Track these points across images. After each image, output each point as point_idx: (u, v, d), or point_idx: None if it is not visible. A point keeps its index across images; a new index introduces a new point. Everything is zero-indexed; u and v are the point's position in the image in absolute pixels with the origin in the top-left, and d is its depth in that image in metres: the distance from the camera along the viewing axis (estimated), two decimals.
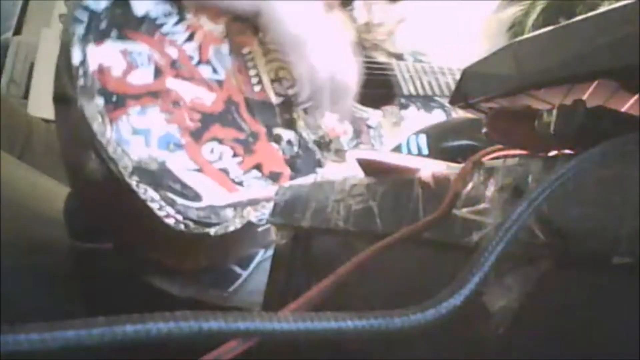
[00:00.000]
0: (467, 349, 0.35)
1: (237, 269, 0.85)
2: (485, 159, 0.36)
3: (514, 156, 0.35)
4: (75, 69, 0.75)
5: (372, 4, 0.99)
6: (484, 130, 0.36)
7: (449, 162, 0.43)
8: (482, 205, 0.34)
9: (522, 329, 0.31)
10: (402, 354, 0.38)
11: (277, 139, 0.82)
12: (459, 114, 0.95)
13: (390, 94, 0.95)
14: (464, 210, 0.35)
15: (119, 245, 0.85)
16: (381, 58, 0.98)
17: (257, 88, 0.84)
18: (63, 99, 0.78)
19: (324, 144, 0.84)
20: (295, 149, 0.82)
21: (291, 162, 0.81)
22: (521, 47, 0.35)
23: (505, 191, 0.33)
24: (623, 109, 0.33)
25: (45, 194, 1.04)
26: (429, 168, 0.40)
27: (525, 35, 0.36)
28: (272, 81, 0.85)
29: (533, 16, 1.07)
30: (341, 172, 0.81)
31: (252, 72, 0.85)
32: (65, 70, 0.78)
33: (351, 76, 0.86)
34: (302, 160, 0.81)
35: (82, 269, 0.89)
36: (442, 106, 0.97)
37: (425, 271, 0.41)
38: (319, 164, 0.82)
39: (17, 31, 2.01)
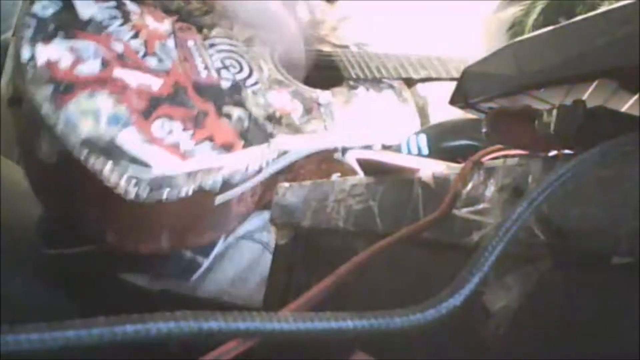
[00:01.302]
0: (467, 349, 0.35)
1: (198, 258, 0.86)
2: (485, 159, 0.36)
3: (514, 156, 0.35)
4: (24, 65, 0.77)
5: (313, 4, 1.04)
6: (484, 130, 0.36)
7: (449, 162, 0.43)
8: (482, 205, 0.34)
9: (522, 329, 0.31)
10: (402, 354, 0.38)
11: (228, 115, 0.83)
12: (407, 92, 0.99)
13: (338, 76, 0.98)
14: (464, 210, 0.35)
15: (82, 238, 0.86)
16: (327, 49, 1.01)
17: (204, 73, 0.86)
18: (16, 99, 0.80)
19: (274, 119, 0.85)
20: (246, 123, 0.83)
21: (243, 135, 0.82)
22: (521, 47, 0.35)
23: (505, 191, 0.33)
24: (623, 109, 0.33)
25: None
26: (429, 168, 0.40)
27: (525, 35, 0.36)
28: (219, 69, 0.88)
29: (533, 16, 1.07)
30: (296, 143, 0.83)
31: (198, 60, 0.87)
32: (17, 73, 0.80)
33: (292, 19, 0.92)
34: (253, 134, 0.82)
35: (60, 272, 0.90)
36: (391, 87, 1.00)
37: (425, 271, 0.41)
38: (271, 136, 0.83)
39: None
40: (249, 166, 0.79)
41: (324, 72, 0.98)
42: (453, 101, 0.40)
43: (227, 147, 0.80)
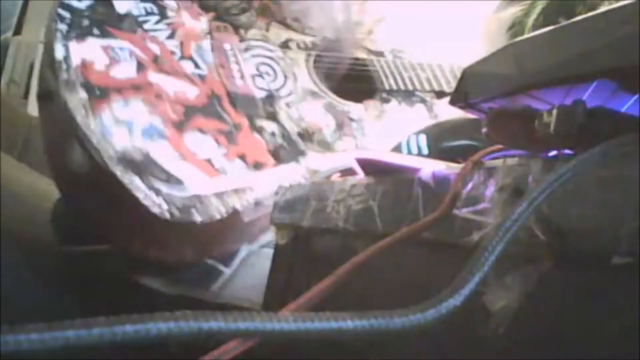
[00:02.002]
0: (467, 349, 0.35)
1: (220, 266, 0.86)
2: (485, 159, 0.36)
3: (514, 156, 0.35)
4: (58, 63, 0.76)
5: (350, 4, 1.02)
6: (484, 130, 0.36)
7: (449, 162, 0.43)
8: (482, 205, 0.34)
9: (522, 329, 0.31)
10: (402, 354, 0.38)
11: (260, 130, 0.83)
12: (440, 108, 0.98)
13: (372, 88, 0.98)
14: (464, 210, 0.35)
15: (105, 241, 0.85)
16: (361, 55, 1.00)
17: (239, 82, 0.86)
18: (46, 95, 0.79)
19: (307, 136, 0.85)
20: (279, 140, 0.83)
21: (274, 153, 0.82)
22: (521, 47, 0.35)
23: (505, 191, 0.33)
24: (623, 109, 0.33)
25: (43, 195, 1.04)
26: (429, 168, 0.40)
27: (525, 35, 0.36)
28: (254, 76, 0.87)
29: (533, 16, 1.07)
30: (325, 162, 0.82)
31: (234, 67, 0.87)
32: (48, 66, 0.79)
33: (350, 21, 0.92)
34: (285, 151, 0.82)
35: (74, 270, 0.89)
36: (423, 100, 1.00)
37: (425, 271, 0.40)
38: (302, 155, 0.83)
39: (17, 31, 2.00)
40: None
41: (359, 82, 0.97)
42: (453, 101, 0.40)
43: (259, 166, 0.79)
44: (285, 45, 0.92)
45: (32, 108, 1.86)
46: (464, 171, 0.36)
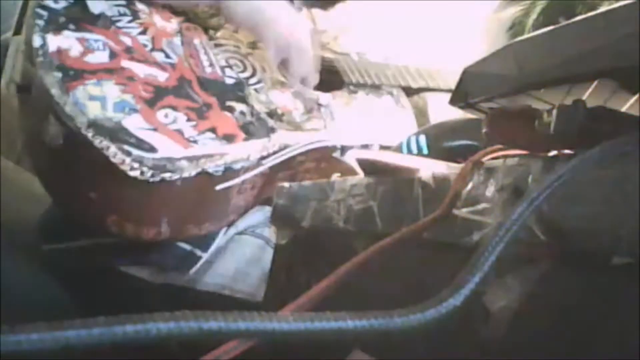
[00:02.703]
0: (467, 349, 0.35)
1: (197, 251, 0.87)
2: (485, 159, 0.36)
3: (514, 156, 0.35)
4: (35, 50, 0.79)
5: (314, 13, 1.08)
6: (484, 130, 0.36)
7: (449, 162, 0.43)
8: (482, 205, 0.34)
9: (522, 329, 0.31)
10: (402, 354, 0.38)
11: (230, 109, 0.85)
12: (405, 99, 1.02)
13: (339, 82, 1.02)
14: (464, 210, 0.35)
15: (81, 225, 0.87)
16: (328, 55, 1.05)
17: (209, 69, 0.89)
18: (24, 84, 0.83)
19: (276, 115, 0.88)
20: (248, 117, 0.85)
21: (244, 128, 0.84)
22: (521, 47, 0.35)
23: (505, 191, 0.33)
24: (623, 109, 0.33)
25: (43, 198, 1.04)
26: (429, 168, 0.40)
27: (525, 35, 0.36)
28: (223, 67, 0.90)
29: (533, 16, 1.07)
30: (297, 138, 0.85)
31: (203, 57, 0.90)
32: (27, 58, 0.83)
33: (305, 40, 0.96)
34: (254, 127, 0.85)
35: (62, 267, 0.91)
36: (389, 93, 1.04)
37: (425, 271, 0.41)
38: (273, 131, 0.85)
39: (17, 31, 2.00)
40: (250, 156, 0.81)
41: (325, 76, 1.00)
42: (453, 101, 0.40)
43: (229, 138, 0.81)
44: (254, 45, 0.95)
45: None
46: (464, 171, 0.36)
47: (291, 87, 0.93)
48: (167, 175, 0.74)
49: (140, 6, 0.90)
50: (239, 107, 0.85)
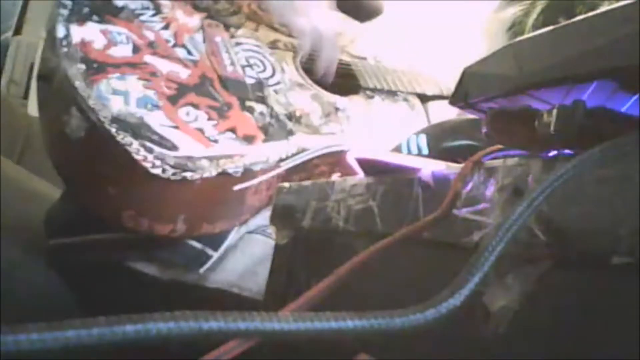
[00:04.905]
0: (467, 349, 0.35)
1: (209, 250, 0.87)
2: (485, 159, 0.36)
3: (514, 156, 0.35)
4: (59, 41, 0.80)
5: (332, 15, 1.08)
6: (484, 130, 0.36)
7: (449, 162, 0.43)
8: (482, 205, 0.34)
9: (522, 329, 0.31)
10: (403, 354, 0.38)
11: (250, 110, 0.86)
12: (419, 106, 1.02)
13: (355, 86, 1.02)
14: (464, 210, 0.35)
15: (94, 218, 0.87)
16: (345, 58, 1.06)
17: (230, 68, 0.90)
18: (46, 74, 0.83)
19: (294, 118, 0.88)
20: (267, 119, 0.86)
21: (264, 129, 0.85)
22: (521, 47, 0.35)
23: (505, 191, 0.33)
24: (623, 109, 0.33)
25: (43, 198, 1.04)
26: (429, 168, 0.40)
27: (525, 35, 0.36)
28: (244, 67, 0.91)
29: (533, 16, 1.07)
30: (314, 142, 0.85)
31: (225, 56, 0.91)
32: (49, 48, 0.83)
33: (334, 31, 0.98)
34: (273, 128, 0.85)
35: (68, 261, 0.91)
36: (405, 99, 1.05)
37: (425, 271, 0.41)
38: (291, 134, 0.86)
39: (17, 31, 2.00)
40: (269, 158, 0.81)
41: (342, 80, 1.01)
42: (453, 101, 0.40)
43: (249, 139, 0.82)
44: (273, 45, 0.95)
45: (32, 108, 1.86)
46: (464, 171, 0.36)
47: (312, 82, 0.93)
48: (188, 174, 0.75)
49: (163, 0, 0.90)
50: (259, 107, 0.86)
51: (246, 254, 0.88)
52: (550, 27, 0.33)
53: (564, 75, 0.32)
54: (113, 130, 0.74)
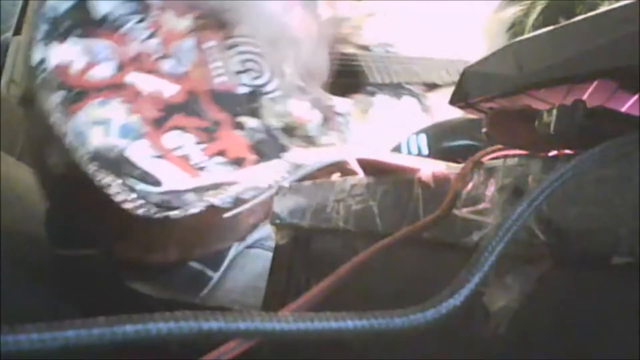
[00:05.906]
0: (467, 349, 0.35)
1: (209, 271, 0.85)
2: (485, 159, 0.36)
3: (514, 156, 0.35)
4: (33, 68, 0.77)
5: (336, 1, 1.02)
6: (484, 130, 0.36)
7: (449, 162, 0.43)
8: (482, 205, 0.34)
9: (522, 329, 0.31)
10: (402, 354, 0.38)
11: (240, 126, 0.82)
12: (432, 100, 0.98)
13: (358, 82, 0.98)
14: (464, 210, 0.35)
15: (91, 244, 0.85)
16: (348, 50, 1.00)
17: (220, 79, 0.85)
18: (26, 99, 0.80)
19: (289, 130, 0.85)
20: (259, 135, 0.82)
21: (255, 148, 0.81)
22: (521, 47, 0.35)
23: (505, 191, 0.33)
24: (623, 109, 0.33)
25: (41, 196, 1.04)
26: (429, 168, 0.40)
27: (525, 35, 0.36)
28: (238, 72, 0.86)
29: (533, 16, 1.07)
30: (310, 156, 0.82)
31: (215, 64, 0.86)
32: (27, 72, 0.80)
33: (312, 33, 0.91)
34: (266, 146, 0.82)
35: (66, 273, 0.89)
36: (412, 94, 1.00)
37: (425, 271, 0.41)
38: (285, 150, 0.82)
39: (17, 31, 2.00)
40: (260, 183, 0.78)
41: (344, 77, 0.97)
42: (453, 101, 0.40)
43: (239, 162, 0.79)
44: (274, 42, 0.92)
45: None
46: (464, 171, 0.36)
47: (309, 93, 0.90)
48: (172, 213, 0.72)
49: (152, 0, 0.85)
50: (251, 122, 0.83)
51: (246, 269, 0.86)
52: (550, 27, 0.33)
53: (564, 75, 0.32)
54: (92, 170, 0.72)
